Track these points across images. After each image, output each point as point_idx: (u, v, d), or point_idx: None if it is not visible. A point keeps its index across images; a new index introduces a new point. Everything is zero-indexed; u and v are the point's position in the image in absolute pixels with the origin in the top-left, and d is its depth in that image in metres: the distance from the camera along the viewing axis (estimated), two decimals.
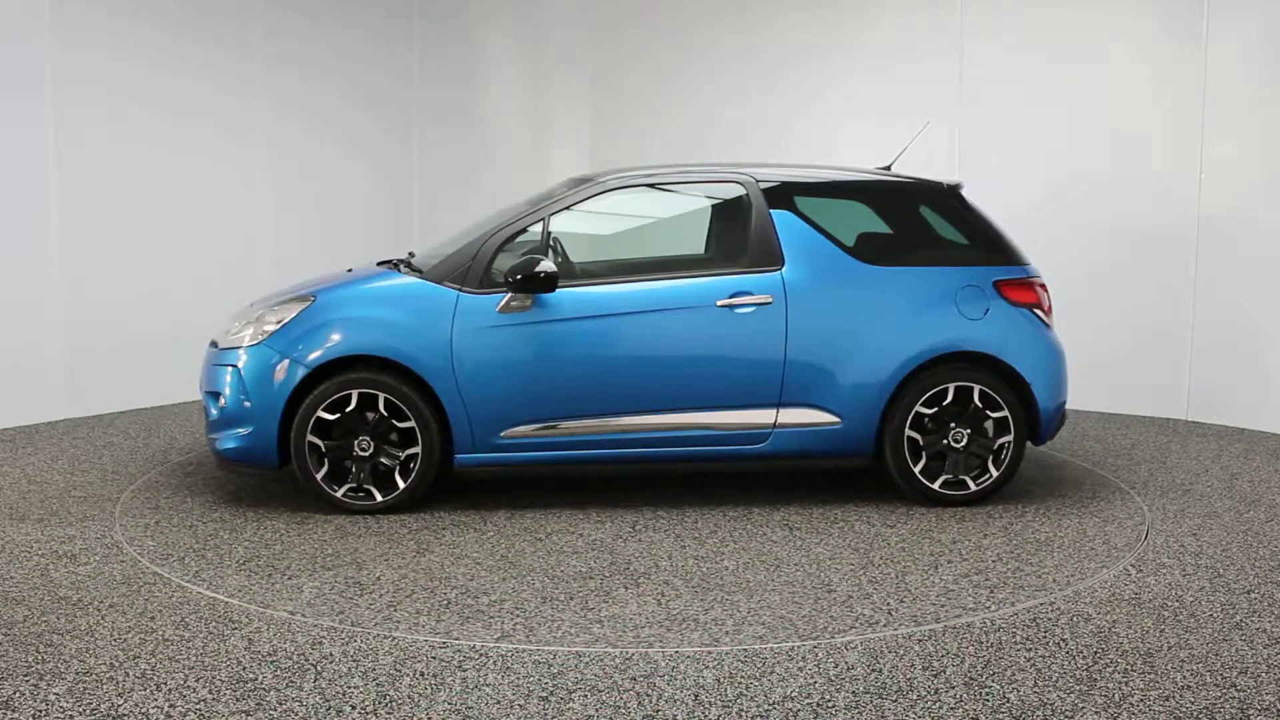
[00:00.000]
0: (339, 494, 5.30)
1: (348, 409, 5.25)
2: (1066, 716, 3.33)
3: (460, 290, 5.32)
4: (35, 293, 7.30)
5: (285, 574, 4.48)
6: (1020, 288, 5.68)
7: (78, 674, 3.54)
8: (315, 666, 3.62)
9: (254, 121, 8.61)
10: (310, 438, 5.23)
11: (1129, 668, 3.67)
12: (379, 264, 6.05)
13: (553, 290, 5.30)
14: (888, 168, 6.35)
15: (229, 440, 5.30)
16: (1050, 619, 4.10)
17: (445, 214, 9.34)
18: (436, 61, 9.96)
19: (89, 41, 7.49)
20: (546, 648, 3.81)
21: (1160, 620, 4.09)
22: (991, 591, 4.43)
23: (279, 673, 3.57)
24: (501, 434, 5.35)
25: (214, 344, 5.57)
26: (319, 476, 5.27)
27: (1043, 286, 5.82)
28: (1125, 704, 3.40)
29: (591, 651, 3.77)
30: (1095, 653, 3.79)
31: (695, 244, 6.24)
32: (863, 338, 5.47)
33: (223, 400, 5.31)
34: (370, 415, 5.27)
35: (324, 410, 5.22)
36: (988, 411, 5.54)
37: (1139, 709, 3.38)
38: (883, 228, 5.90)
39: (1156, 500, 5.76)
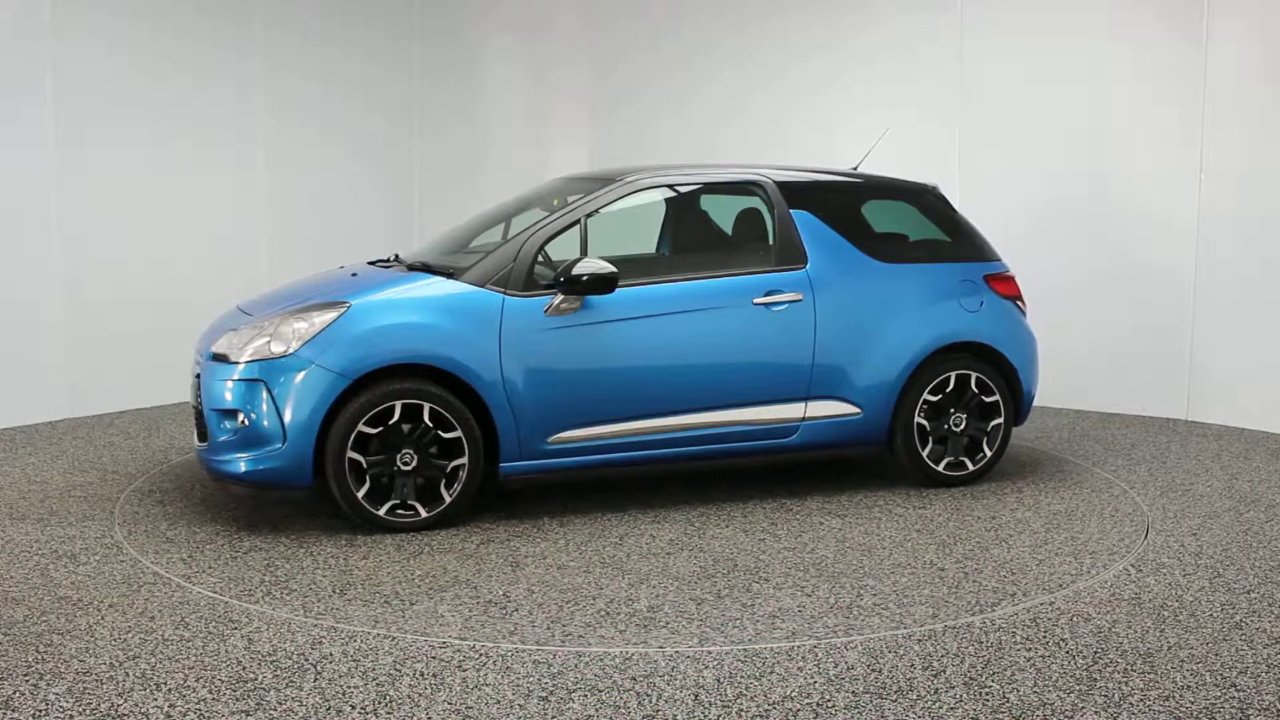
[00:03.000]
0: (381, 512, 4.97)
1: (389, 422, 4.94)
2: (1066, 716, 3.33)
3: (505, 293, 5.15)
4: (35, 293, 7.29)
5: (404, 599, 4.23)
6: (1005, 282, 6.15)
7: (78, 674, 3.54)
8: (315, 666, 3.62)
9: (254, 119, 8.60)
10: (350, 454, 4.91)
11: (1129, 668, 3.67)
12: (369, 263, 5.94)
13: (612, 291, 5.21)
14: (855, 168, 6.59)
15: (247, 462, 4.90)
16: (1050, 619, 4.10)
17: (446, 210, 9.32)
18: (436, 54, 9.95)
19: (89, 41, 7.48)
20: (548, 648, 3.81)
21: (1160, 620, 4.09)
22: (1076, 558, 4.82)
23: (279, 673, 3.57)
24: (548, 440, 5.22)
25: (218, 357, 5.07)
26: (360, 495, 4.95)
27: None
28: (1125, 704, 3.41)
29: (591, 651, 3.78)
30: (1095, 653, 3.79)
31: (715, 243, 6.22)
32: (880, 331, 5.75)
33: (241, 418, 4.90)
34: (405, 427, 4.97)
35: (364, 424, 4.91)
36: (982, 397, 5.93)
37: (1139, 709, 3.38)
38: (884, 227, 6.15)
39: (1156, 500, 5.76)
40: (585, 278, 5.11)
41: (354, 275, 5.62)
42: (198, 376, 5.25)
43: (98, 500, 5.57)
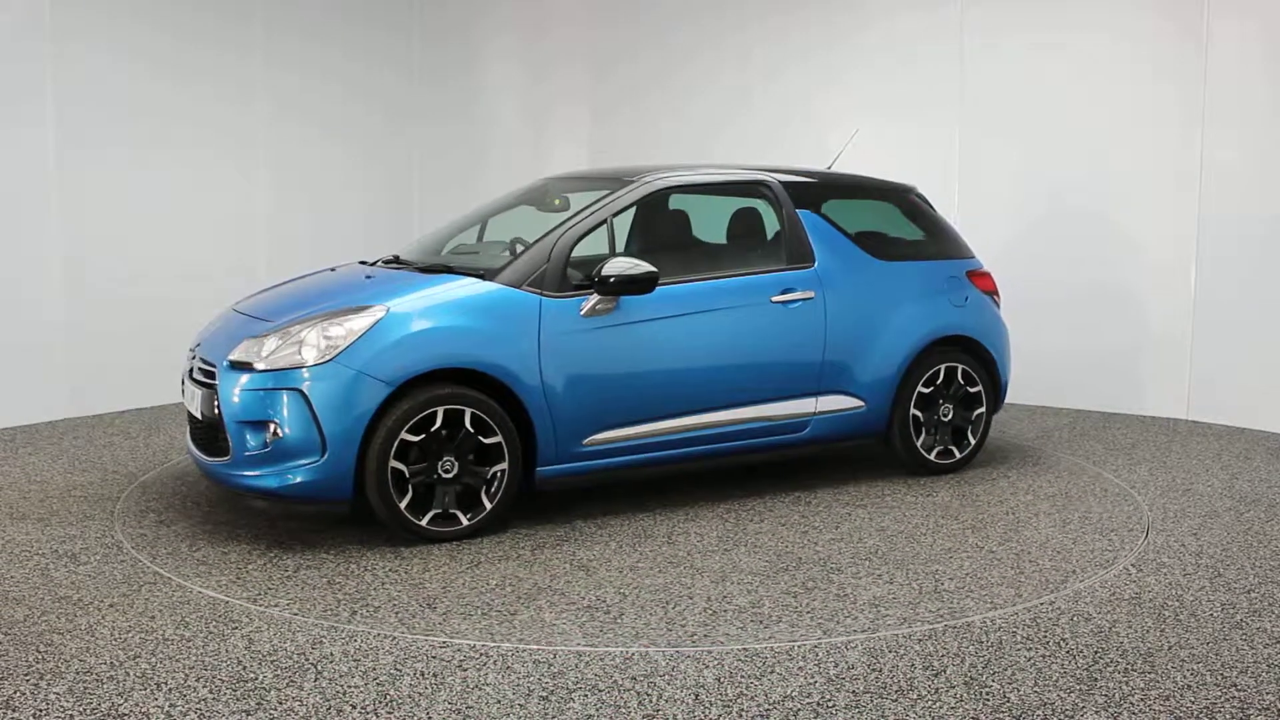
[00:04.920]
0: (424, 522, 4.82)
1: (431, 428, 4.79)
2: (1066, 716, 3.33)
3: (542, 294, 5.05)
4: (35, 293, 7.30)
5: (500, 610, 4.12)
6: (984, 277, 6.48)
7: (78, 674, 3.54)
8: (315, 666, 3.62)
9: (254, 119, 8.60)
10: (393, 463, 4.73)
11: (1129, 668, 3.67)
12: (361, 263, 5.87)
13: (651, 291, 5.17)
14: (829, 168, 6.74)
15: (279, 476, 4.67)
16: (1050, 619, 4.10)
17: (446, 210, 9.31)
18: (436, 54, 9.95)
19: (89, 42, 7.48)
20: (547, 647, 3.81)
21: (1160, 620, 4.10)
22: (1107, 537, 5.10)
23: (279, 673, 3.57)
24: (583, 442, 5.16)
25: (239, 365, 4.78)
26: (403, 505, 4.77)
27: None
28: (1125, 704, 3.41)
29: (591, 651, 3.78)
30: (1095, 653, 3.79)
31: (699, 242, 6.25)
32: (881, 326, 5.96)
33: (275, 429, 4.65)
34: (443, 433, 4.83)
35: (407, 431, 4.74)
36: (967, 388, 6.23)
37: (1139, 709, 3.38)
38: (875, 226, 6.32)
39: (1156, 500, 5.76)
40: (617, 279, 5.05)
41: (368, 277, 5.42)
42: (206, 385, 4.98)
43: (98, 500, 5.57)
